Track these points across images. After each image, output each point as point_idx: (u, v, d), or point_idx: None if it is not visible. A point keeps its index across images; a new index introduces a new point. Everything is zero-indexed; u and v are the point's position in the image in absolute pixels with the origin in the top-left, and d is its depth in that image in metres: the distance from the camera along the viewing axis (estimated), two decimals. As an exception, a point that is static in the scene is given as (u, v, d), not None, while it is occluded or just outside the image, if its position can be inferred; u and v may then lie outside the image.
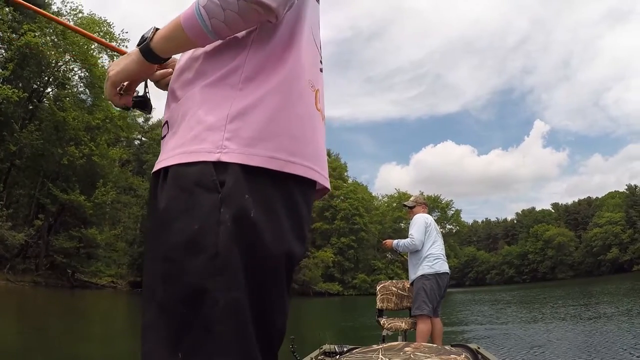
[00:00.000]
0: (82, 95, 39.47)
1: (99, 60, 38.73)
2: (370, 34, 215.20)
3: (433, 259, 6.38)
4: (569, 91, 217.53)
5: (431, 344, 3.68)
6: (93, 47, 37.75)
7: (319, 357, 5.65)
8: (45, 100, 38.51)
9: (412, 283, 6.53)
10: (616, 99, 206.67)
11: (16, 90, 30.82)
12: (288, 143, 1.16)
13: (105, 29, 38.38)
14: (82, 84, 39.59)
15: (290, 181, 1.17)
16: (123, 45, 39.11)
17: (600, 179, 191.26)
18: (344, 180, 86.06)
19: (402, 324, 6.32)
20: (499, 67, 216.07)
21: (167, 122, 1.28)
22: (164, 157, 1.18)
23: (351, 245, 78.50)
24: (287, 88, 1.19)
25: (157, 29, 1.24)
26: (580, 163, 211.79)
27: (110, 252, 42.92)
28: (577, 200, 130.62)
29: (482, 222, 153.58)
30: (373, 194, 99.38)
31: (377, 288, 7.03)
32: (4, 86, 30.31)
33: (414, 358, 2.93)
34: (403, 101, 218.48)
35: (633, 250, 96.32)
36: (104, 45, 1.42)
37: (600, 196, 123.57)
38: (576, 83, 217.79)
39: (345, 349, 5.60)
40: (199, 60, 1.25)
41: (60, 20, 2.05)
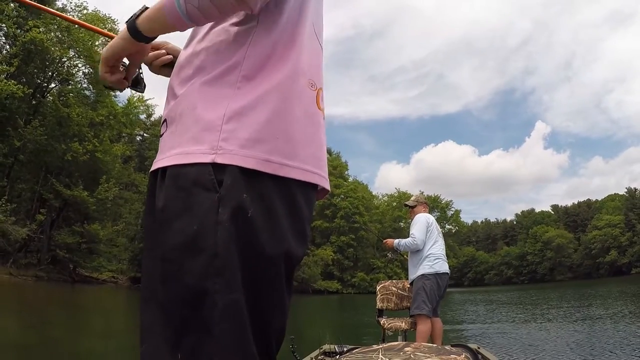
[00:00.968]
0: (86, 92, 39.52)
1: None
2: (373, 33, 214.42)
3: (434, 258, 6.36)
4: (570, 93, 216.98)
5: (431, 344, 3.68)
6: (97, 43, 37.84)
7: (319, 357, 5.66)
8: (49, 95, 38.58)
9: (411, 282, 6.52)
10: (618, 101, 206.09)
11: (21, 87, 30.94)
12: (285, 145, 1.16)
13: (110, 25, 38.33)
14: (86, 81, 39.66)
15: (291, 182, 1.16)
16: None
17: (600, 181, 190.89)
18: (345, 179, 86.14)
19: (402, 324, 6.32)
20: (500, 68, 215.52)
21: (166, 120, 1.27)
22: (162, 156, 1.19)
23: (351, 244, 78.72)
24: (286, 88, 1.19)
25: (146, 7, 1.24)
26: (581, 165, 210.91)
27: (111, 248, 43.06)
28: (576, 202, 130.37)
29: (482, 222, 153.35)
30: (373, 193, 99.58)
31: (377, 288, 7.02)
32: (9, 82, 30.39)
33: (414, 358, 2.92)
34: (404, 100, 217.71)
35: (632, 253, 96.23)
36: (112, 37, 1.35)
37: (600, 198, 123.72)
38: (578, 85, 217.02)
39: (345, 349, 5.62)
40: (199, 57, 1.24)
41: (66, 16, 2.07)
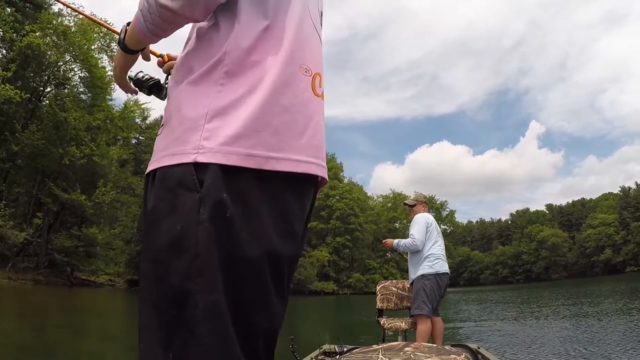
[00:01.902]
0: (82, 96, 39.50)
1: (99, 62, 38.74)
2: (368, 34, 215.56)
3: (433, 259, 6.33)
4: (564, 93, 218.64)
5: (431, 344, 3.68)
6: (94, 47, 37.93)
7: (319, 357, 5.64)
8: (45, 99, 38.56)
9: (412, 283, 6.48)
10: (611, 101, 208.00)
11: (18, 91, 30.94)
12: (271, 138, 1.14)
13: (105, 29, 38.29)
14: (82, 85, 39.65)
15: (276, 178, 1.15)
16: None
17: (594, 180, 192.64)
18: (340, 180, 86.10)
19: (402, 324, 6.30)
20: (495, 69, 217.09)
21: (163, 121, 1.29)
22: (153, 158, 1.20)
23: (346, 245, 78.68)
24: (271, 78, 1.17)
25: (128, 24, 1.30)
26: (575, 164, 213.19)
27: (108, 251, 43.07)
28: (571, 202, 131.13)
29: (477, 222, 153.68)
30: (368, 194, 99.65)
31: (377, 288, 6.96)
32: (6, 87, 30.39)
33: (414, 358, 2.92)
34: (399, 101, 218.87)
35: (626, 251, 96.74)
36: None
37: (594, 197, 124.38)
38: (572, 85, 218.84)
39: (345, 349, 5.60)
40: (188, 58, 1.25)
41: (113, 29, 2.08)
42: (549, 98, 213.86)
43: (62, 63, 37.58)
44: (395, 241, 6.77)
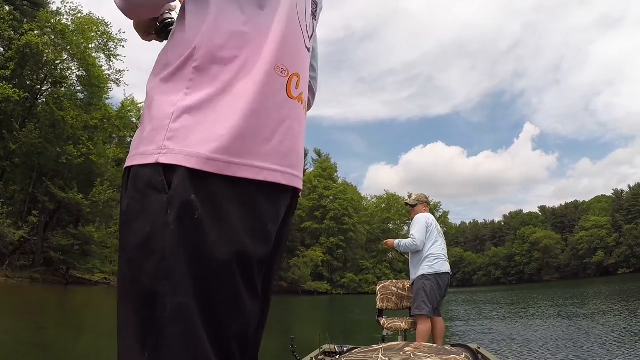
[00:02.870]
0: (79, 95, 39.42)
1: (97, 60, 38.76)
2: (364, 34, 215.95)
3: (433, 259, 6.32)
4: (559, 95, 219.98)
5: (431, 344, 3.67)
6: (91, 46, 37.89)
7: (319, 357, 5.60)
8: (42, 98, 38.53)
9: (412, 283, 6.47)
10: (606, 103, 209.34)
11: (17, 90, 30.98)
12: (234, 142, 1.09)
13: (103, 28, 38.32)
14: (79, 84, 39.57)
15: (245, 181, 1.11)
16: (120, 46, 39.30)
17: (588, 182, 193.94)
18: (334, 180, 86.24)
19: (402, 324, 6.28)
20: (490, 70, 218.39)
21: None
22: (129, 155, 1.17)
23: (340, 245, 78.86)
24: (242, 77, 1.13)
25: None
26: (569, 166, 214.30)
27: (102, 249, 42.96)
28: (564, 204, 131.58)
29: (470, 223, 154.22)
30: (362, 194, 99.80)
31: (377, 288, 6.91)
32: (4, 85, 30.42)
33: (414, 358, 2.92)
34: (394, 102, 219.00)
35: (618, 254, 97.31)
36: None
37: (587, 200, 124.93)
38: (566, 87, 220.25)
39: (345, 349, 5.55)
40: (166, 52, 1.22)
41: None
42: (544, 100, 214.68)
43: (59, 61, 37.49)
44: (396, 241, 6.76)
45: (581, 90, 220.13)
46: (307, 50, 1.36)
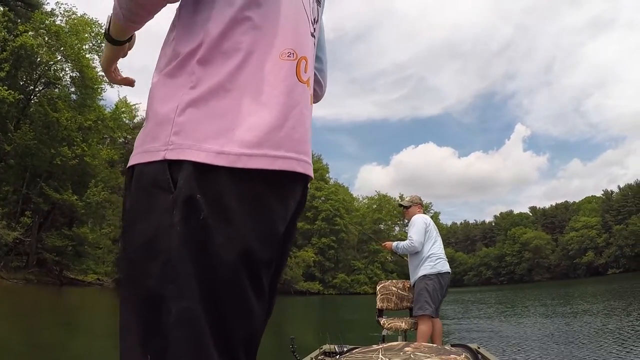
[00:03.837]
0: (72, 96, 39.35)
1: (91, 62, 38.71)
2: (355, 35, 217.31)
3: (435, 258, 6.29)
4: (550, 96, 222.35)
5: (431, 344, 3.65)
6: (85, 47, 37.88)
7: (319, 357, 5.60)
8: (35, 99, 38.39)
9: (413, 284, 6.41)
10: (596, 105, 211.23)
11: (12, 92, 30.97)
12: (245, 133, 1.06)
13: (97, 29, 38.25)
14: (73, 85, 39.52)
15: (255, 175, 1.06)
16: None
17: (578, 183, 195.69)
18: (326, 181, 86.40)
19: (402, 324, 6.25)
20: (482, 72, 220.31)
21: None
22: (132, 154, 1.13)
23: (332, 246, 79.17)
24: (247, 67, 1.09)
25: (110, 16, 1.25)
26: (560, 167, 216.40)
27: (96, 250, 42.87)
28: (554, 204, 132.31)
29: (461, 224, 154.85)
30: (353, 195, 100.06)
31: (377, 288, 6.84)
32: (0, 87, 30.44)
33: (414, 358, 2.90)
34: (386, 103, 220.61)
35: (608, 254, 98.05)
36: None
37: (577, 200, 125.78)
38: (557, 89, 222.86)
39: (345, 349, 5.57)
40: (168, 44, 1.18)
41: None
42: (535, 101, 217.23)
43: (53, 62, 37.42)
44: (394, 244, 6.74)
45: (572, 92, 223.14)
46: (312, 36, 1.31)
